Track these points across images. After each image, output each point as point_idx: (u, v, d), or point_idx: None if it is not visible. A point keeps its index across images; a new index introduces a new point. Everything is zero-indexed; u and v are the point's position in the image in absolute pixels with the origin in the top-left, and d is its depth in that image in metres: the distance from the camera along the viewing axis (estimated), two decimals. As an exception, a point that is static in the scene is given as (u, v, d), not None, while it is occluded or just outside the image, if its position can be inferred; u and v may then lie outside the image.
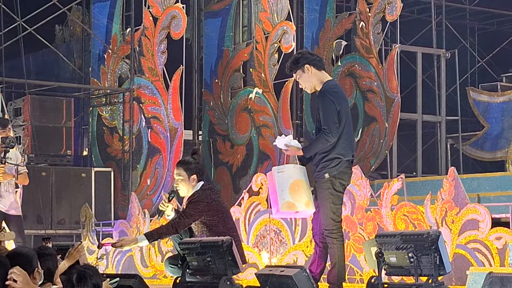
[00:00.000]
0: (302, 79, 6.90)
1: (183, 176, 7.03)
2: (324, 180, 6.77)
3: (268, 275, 6.35)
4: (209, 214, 6.90)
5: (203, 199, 6.92)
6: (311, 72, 6.84)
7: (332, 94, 6.75)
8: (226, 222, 7.01)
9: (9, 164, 9.06)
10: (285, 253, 9.78)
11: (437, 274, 5.45)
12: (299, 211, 6.83)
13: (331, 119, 6.65)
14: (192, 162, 7.09)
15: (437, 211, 8.44)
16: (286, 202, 6.72)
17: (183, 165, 7.09)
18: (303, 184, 6.76)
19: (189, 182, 7.01)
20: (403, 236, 5.58)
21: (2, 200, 9.15)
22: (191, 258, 6.64)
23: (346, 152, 6.79)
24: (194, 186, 7.02)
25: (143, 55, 13.76)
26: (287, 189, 6.71)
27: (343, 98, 6.88)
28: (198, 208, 6.87)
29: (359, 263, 9.06)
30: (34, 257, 4.89)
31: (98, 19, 14.65)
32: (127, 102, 13.97)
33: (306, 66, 6.85)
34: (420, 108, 14.27)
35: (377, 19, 13.14)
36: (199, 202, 6.89)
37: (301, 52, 7.17)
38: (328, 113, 6.67)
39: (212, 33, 14.98)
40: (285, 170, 6.76)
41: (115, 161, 14.18)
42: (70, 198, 13.17)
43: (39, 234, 11.91)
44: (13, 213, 9.24)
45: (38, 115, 13.55)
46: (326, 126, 6.65)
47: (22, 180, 9.33)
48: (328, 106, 6.69)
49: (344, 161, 6.76)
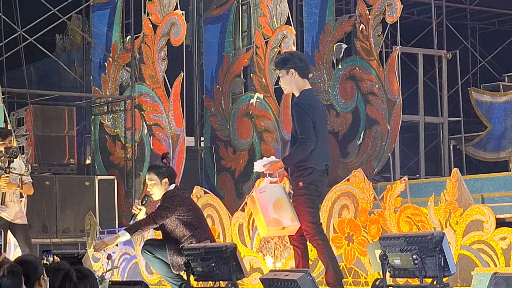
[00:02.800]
0: (283, 80, 7.02)
1: (155, 180, 7.37)
2: (299, 187, 6.89)
3: (272, 279, 6.35)
4: (183, 209, 7.23)
5: (178, 194, 7.28)
6: (294, 78, 6.96)
7: (305, 107, 6.87)
8: (200, 219, 7.35)
9: (13, 174, 9.09)
10: (289, 257, 9.76)
11: (442, 275, 5.44)
12: (285, 227, 6.92)
13: (307, 128, 6.79)
14: (162, 166, 7.44)
15: (441, 213, 8.42)
16: (273, 219, 6.84)
17: (154, 170, 7.43)
18: (285, 201, 6.90)
19: (161, 186, 7.35)
20: (407, 238, 5.58)
21: (7, 209, 9.18)
22: (196, 264, 6.66)
23: (319, 163, 6.93)
24: (166, 189, 7.36)
25: (144, 63, 13.76)
26: (271, 206, 6.83)
27: (317, 109, 6.98)
28: (174, 202, 7.21)
29: (363, 265, 9.04)
30: (39, 264, 4.92)
31: (98, 27, 14.66)
32: (129, 110, 13.98)
33: (291, 71, 6.95)
34: (422, 110, 14.25)
35: (377, 21, 13.13)
36: (174, 196, 7.25)
37: (292, 54, 7.23)
38: (303, 123, 6.81)
39: (212, 39, 14.99)
40: (267, 190, 6.91)
41: (118, 169, 14.19)
42: (74, 207, 13.18)
43: (45, 243, 11.92)
44: (19, 222, 9.28)
45: (40, 124, 13.56)
46: (304, 135, 6.78)
47: (26, 189, 9.36)
48: (302, 117, 6.83)
49: (317, 170, 6.89)
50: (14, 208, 9.24)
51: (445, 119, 14.70)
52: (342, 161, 13.61)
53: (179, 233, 7.25)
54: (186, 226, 7.20)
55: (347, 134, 13.62)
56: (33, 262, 4.94)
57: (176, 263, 7.23)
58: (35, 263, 4.93)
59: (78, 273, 4.65)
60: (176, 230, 7.25)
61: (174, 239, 7.26)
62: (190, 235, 7.23)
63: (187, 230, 7.20)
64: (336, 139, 13.75)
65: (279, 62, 7.04)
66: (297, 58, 7.07)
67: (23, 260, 4.95)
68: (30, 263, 4.92)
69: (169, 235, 7.27)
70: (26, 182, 9.24)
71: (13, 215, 9.20)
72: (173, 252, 7.25)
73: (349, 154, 13.57)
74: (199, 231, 7.26)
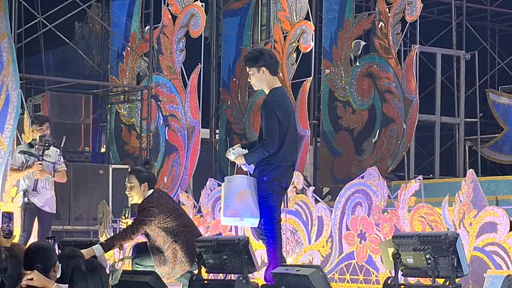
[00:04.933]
0: (254, 77, 7.09)
1: (134, 184, 7.40)
2: (262, 182, 6.97)
3: (284, 274, 6.35)
4: (161, 217, 7.22)
5: (152, 204, 7.25)
6: (265, 76, 7.04)
7: (274, 106, 6.98)
8: (180, 219, 7.31)
9: (46, 162, 9.21)
10: (301, 252, 9.77)
11: (455, 276, 5.42)
12: (243, 219, 6.99)
13: (272, 131, 6.91)
14: (143, 171, 7.49)
15: (455, 213, 8.40)
16: (231, 209, 6.93)
17: (135, 173, 7.48)
18: (249, 194, 6.96)
19: (139, 190, 7.36)
20: (420, 238, 5.56)
21: (38, 195, 9.39)
22: (207, 256, 6.67)
23: (286, 159, 7.02)
24: (144, 193, 7.36)
25: (162, 53, 13.77)
26: (233, 197, 6.92)
27: (286, 109, 7.07)
28: (149, 214, 7.20)
29: (375, 263, 9.03)
30: (54, 251, 4.95)
31: (117, 16, 14.68)
32: (145, 100, 14.00)
33: (263, 69, 7.04)
34: (438, 110, 14.21)
35: (396, 19, 13.08)
36: (148, 208, 7.22)
37: (262, 52, 7.26)
38: (270, 125, 6.93)
39: (231, 32, 14.98)
40: (234, 180, 7.01)
41: (132, 159, 14.21)
42: (88, 195, 13.21)
43: (57, 229, 11.95)
44: (47, 210, 9.50)
45: (57, 111, 13.59)
46: (267, 137, 6.92)
47: (59, 177, 9.62)
48: (270, 118, 6.94)
49: (282, 165, 6.99)
50: (46, 195, 9.50)
51: (462, 119, 14.65)
52: (357, 159, 13.59)
53: (161, 240, 7.25)
54: (167, 232, 7.21)
55: (363, 132, 13.60)
56: (48, 249, 4.97)
57: (165, 272, 7.22)
58: (50, 250, 4.97)
59: (88, 264, 4.67)
60: (158, 237, 7.25)
61: (157, 248, 7.26)
62: (172, 241, 7.22)
63: (168, 237, 7.20)
64: (351, 136, 13.73)
65: (251, 59, 7.10)
66: (267, 55, 7.15)
67: (39, 247, 4.98)
68: (45, 249, 4.96)
69: (153, 243, 7.27)
70: (59, 170, 9.45)
71: (43, 202, 9.45)
72: (158, 263, 7.25)
73: (364, 152, 13.54)
74: (182, 235, 7.24)
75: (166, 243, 7.23)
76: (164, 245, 7.24)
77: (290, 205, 9.88)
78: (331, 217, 9.54)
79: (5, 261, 3.62)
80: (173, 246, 7.22)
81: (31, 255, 4.86)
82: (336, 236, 9.43)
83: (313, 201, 9.76)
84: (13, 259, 3.68)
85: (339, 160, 13.86)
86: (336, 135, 13.94)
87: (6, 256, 3.64)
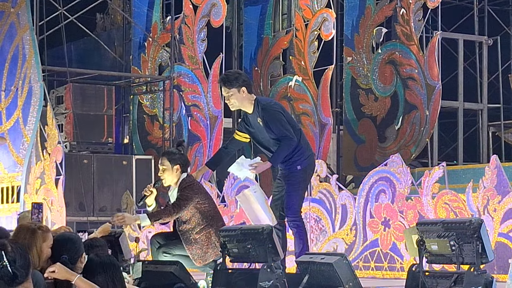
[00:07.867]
0: (234, 97, 7.22)
1: (166, 166, 7.35)
2: (296, 171, 7.18)
3: (308, 262, 6.35)
4: (201, 197, 7.25)
5: (194, 182, 7.29)
6: (245, 95, 7.19)
7: (273, 106, 7.24)
8: (214, 208, 7.38)
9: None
10: (325, 240, 9.77)
11: (480, 262, 5.40)
12: None
13: (285, 124, 7.11)
14: (176, 153, 7.42)
15: (479, 200, 8.37)
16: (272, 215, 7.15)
17: (167, 156, 7.43)
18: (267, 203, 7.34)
19: (172, 172, 7.32)
20: (445, 224, 5.53)
21: None
22: (232, 245, 6.67)
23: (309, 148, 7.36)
24: (177, 176, 7.34)
25: (183, 43, 13.79)
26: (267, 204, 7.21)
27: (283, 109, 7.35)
28: (193, 190, 7.22)
29: (400, 251, 9.03)
30: (81, 242, 4.99)
31: (139, 7, 14.71)
32: (167, 90, 14.03)
33: (242, 88, 7.18)
34: (461, 96, 14.15)
35: (418, 6, 13.02)
36: (192, 185, 7.24)
37: (239, 73, 7.45)
38: (280, 122, 7.11)
39: (252, 21, 14.97)
40: (257, 189, 7.24)
41: (155, 149, 14.26)
42: (112, 186, 13.27)
43: (82, 221, 12.03)
44: None
45: (79, 103, 13.65)
46: (285, 131, 7.09)
47: None
48: (276, 116, 7.13)
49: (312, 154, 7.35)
50: None
51: (485, 105, 14.58)
52: (380, 146, 13.56)
53: (194, 222, 7.21)
54: (203, 215, 7.20)
55: (385, 119, 13.56)
56: (74, 240, 5.01)
57: (197, 256, 7.21)
58: (76, 241, 5.00)
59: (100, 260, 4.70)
60: (192, 219, 7.21)
61: (190, 230, 7.24)
62: (207, 224, 7.21)
63: (203, 220, 7.18)
64: (374, 123, 13.70)
65: (231, 80, 7.22)
66: (244, 75, 7.35)
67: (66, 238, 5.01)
68: (72, 240, 5.00)
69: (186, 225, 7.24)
70: None
71: None
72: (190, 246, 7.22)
73: (387, 139, 13.51)
74: (215, 221, 7.27)
75: (200, 225, 7.22)
76: (197, 227, 7.22)
77: (314, 193, 9.89)
78: (355, 205, 9.54)
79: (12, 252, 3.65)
80: (208, 229, 7.22)
81: (59, 246, 4.90)
82: (360, 224, 9.43)
83: (336, 189, 9.76)
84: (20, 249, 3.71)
85: (362, 147, 13.84)
86: (359, 123, 13.91)
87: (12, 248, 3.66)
